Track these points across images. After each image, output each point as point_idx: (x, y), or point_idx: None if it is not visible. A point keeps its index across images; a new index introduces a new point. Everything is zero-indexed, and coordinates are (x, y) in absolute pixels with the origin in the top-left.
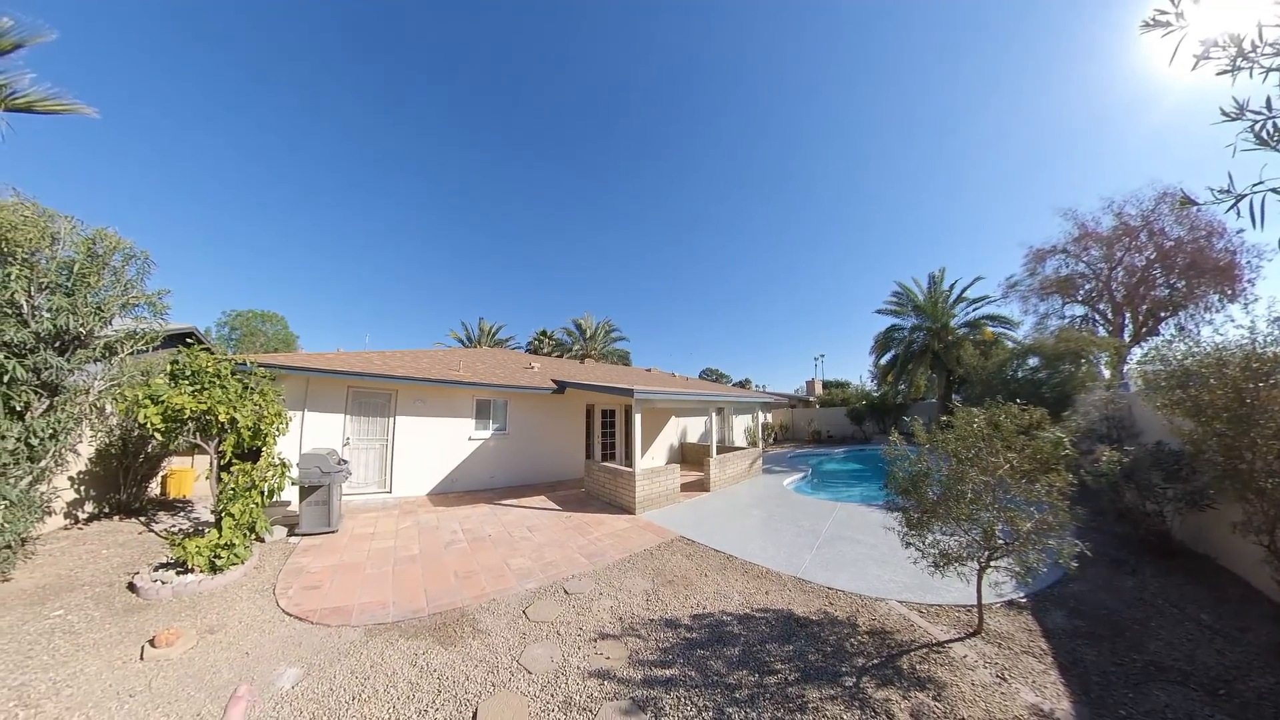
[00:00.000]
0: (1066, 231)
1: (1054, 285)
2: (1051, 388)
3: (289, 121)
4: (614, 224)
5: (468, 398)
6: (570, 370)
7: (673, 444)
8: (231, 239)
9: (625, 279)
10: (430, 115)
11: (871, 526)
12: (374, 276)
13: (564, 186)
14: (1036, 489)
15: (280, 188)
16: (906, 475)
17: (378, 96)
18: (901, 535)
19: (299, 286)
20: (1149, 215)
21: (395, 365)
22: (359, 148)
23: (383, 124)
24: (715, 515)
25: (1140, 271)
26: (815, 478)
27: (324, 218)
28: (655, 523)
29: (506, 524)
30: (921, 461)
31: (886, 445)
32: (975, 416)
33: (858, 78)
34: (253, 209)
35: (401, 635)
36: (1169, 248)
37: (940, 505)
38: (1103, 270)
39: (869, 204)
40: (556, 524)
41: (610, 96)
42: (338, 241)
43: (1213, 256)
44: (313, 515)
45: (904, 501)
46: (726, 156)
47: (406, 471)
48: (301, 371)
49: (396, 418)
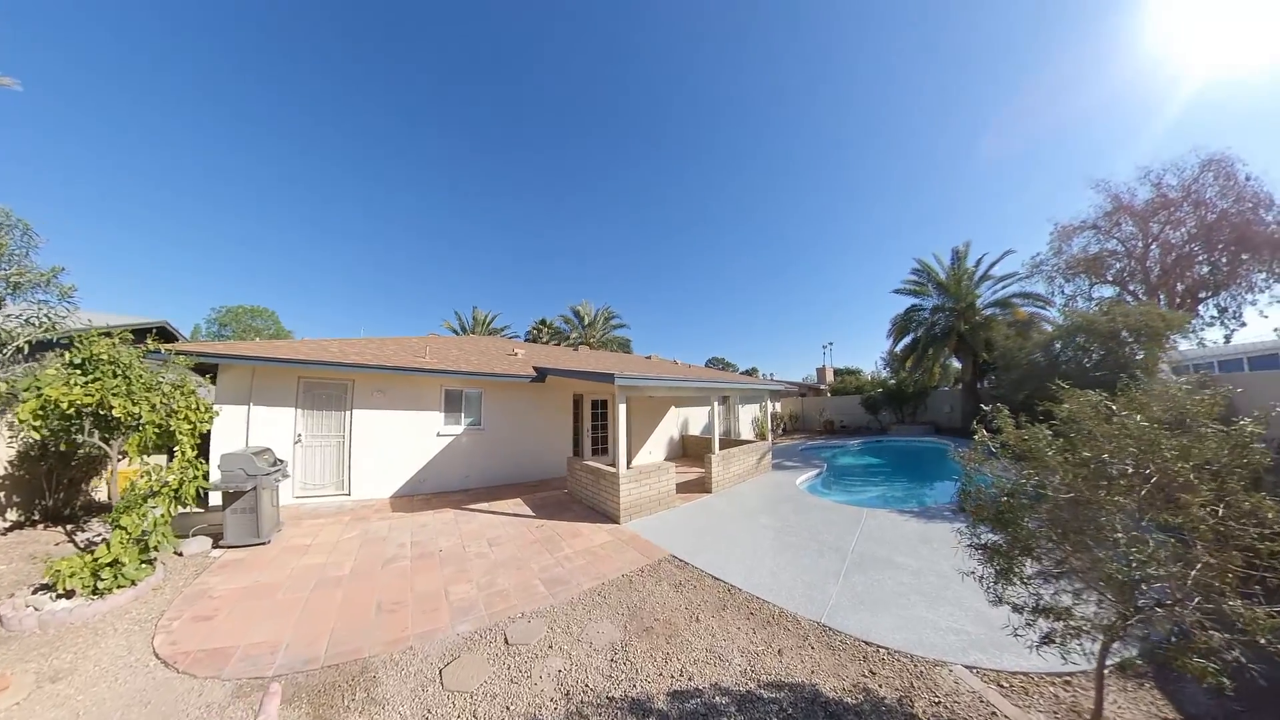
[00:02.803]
0: (1097, 205)
1: (1081, 265)
2: (1111, 371)
3: (277, 115)
4: (617, 213)
5: (435, 387)
6: (558, 357)
7: (673, 437)
8: (227, 236)
9: (629, 269)
10: (433, 107)
11: (909, 542)
12: (372, 272)
13: (565, 174)
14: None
15: (270, 180)
16: (995, 498)
17: (386, 93)
18: (988, 586)
19: (294, 284)
20: (1190, 185)
21: (353, 353)
22: (365, 145)
23: (384, 119)
24: (716, 525)
25: (1179, 247)
26: (831, 474)
27: (318, 213)
28: (642, 535)
29: (466, 535)
30: (1028, 475)
31: (962, 450)
32: (1135, 402)
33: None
34: (243, 204)
35: (273, 698)
36: (1213, 220)
37: (1051, 542)
38: (1136, 247)
39: (880, 181)
40: (523, 536)
41: (611, 67)
42: (333, 236)
43: (1262, 230)
44: (238, 525)
45: (992, 535)
46: (739, 127)
47: (366, 472)
48: (244, 361)
49: (354, 411)
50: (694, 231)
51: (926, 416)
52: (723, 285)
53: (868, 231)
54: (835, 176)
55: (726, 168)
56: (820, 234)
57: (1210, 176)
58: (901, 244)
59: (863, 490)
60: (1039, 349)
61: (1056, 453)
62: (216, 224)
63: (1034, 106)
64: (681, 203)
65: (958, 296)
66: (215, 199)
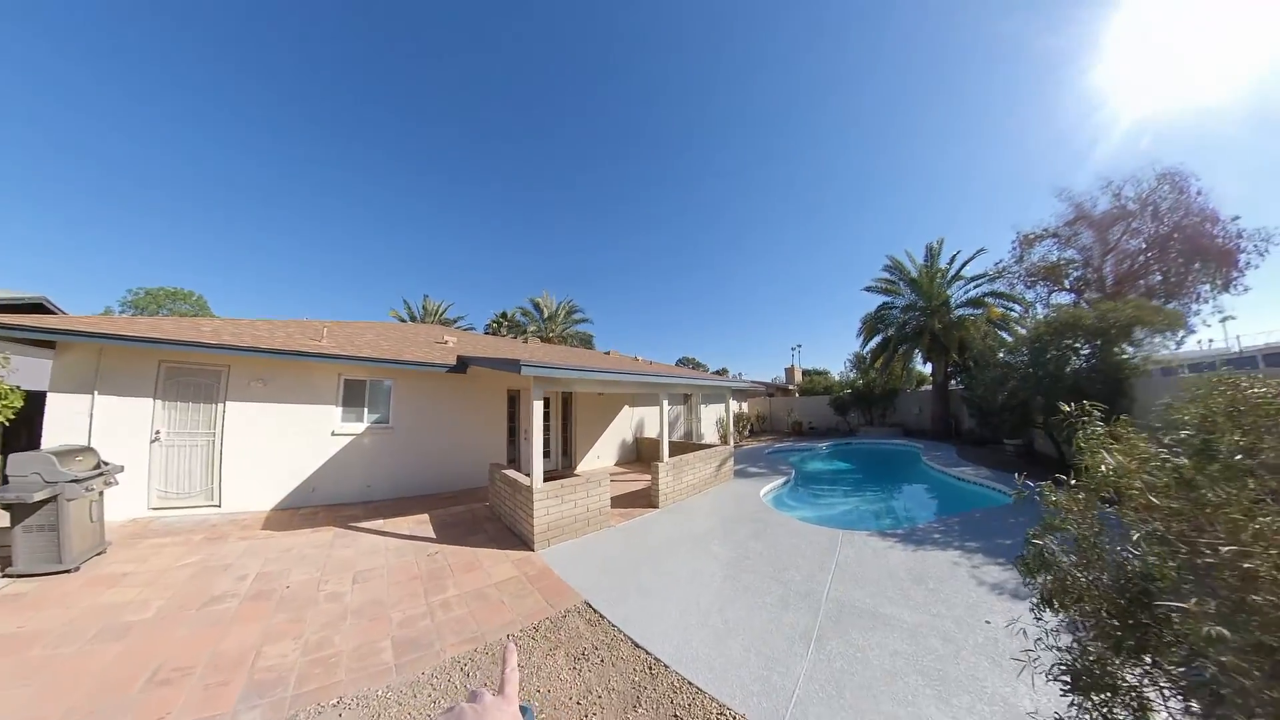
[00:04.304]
0: (1059, 213)
1: (1041, 272)
2: (1105, 374)
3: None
4: (590, 213)
5: (331, 377)
6: (497, 347)
7: (625, 439)
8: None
9: (604, 268)
10: (409, 89)
11: (897, 580)
12: (321, 254)
13: (538, 168)
14: None
15: (199, 156)
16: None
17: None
18: (1076, 702)
19: (236, 273)
20: (1147, 197)
21: (228, 333)
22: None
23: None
24: (655, 555)
25: (1134, 256)
26: (799, 483)
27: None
28: (555, 570)
29: (332, 566)
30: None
31: (1017, 491)
32: None
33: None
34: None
35: None
36: (1165, 232)
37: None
38: (1094, 255)
39: (858, 180)
40: (404, 569)
41: (588, 47)
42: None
43: (1212, 241)
44: (32, 546)
45: (1070, 617)
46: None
47: (242, 478)
48: (88, 339)
49: (228, 404)
50: (671, 230)
51: (895, 418)
52: (696, 284)
53: (843, 233)
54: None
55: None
56: (799, 222)
57: (1166, 189)
58: (875, 245)
59: (834, 501)
60: (1025, 344)
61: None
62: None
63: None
64: (660, 200)
65: (930, 295)
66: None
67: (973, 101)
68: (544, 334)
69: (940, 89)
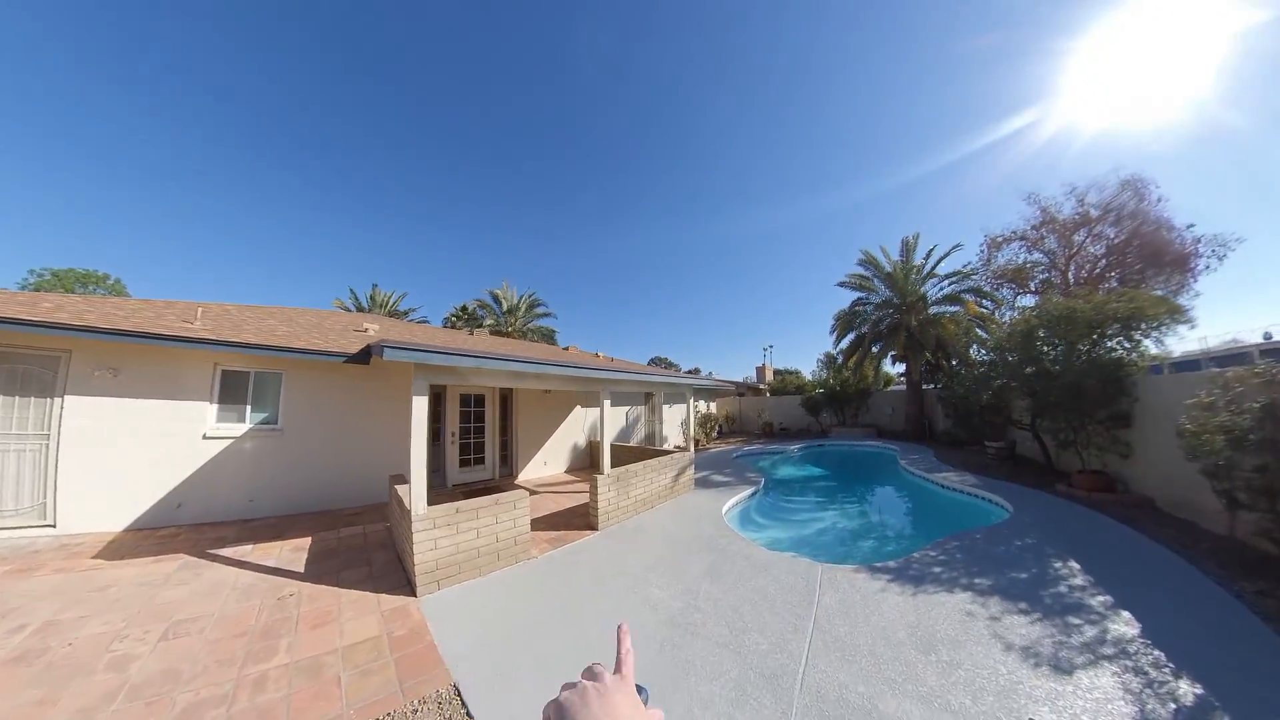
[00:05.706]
0: (1027, 217)
1: (1007, 275)
2: (1104, 371)
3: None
4: (557, 206)
5: (205, 367)
6: (431, 338)
7: (577, 443)
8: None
9: (579, 267)
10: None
11: (896, 645)
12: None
13: (498, 157)
14: None
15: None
16: None
17: None
18: None
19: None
20: (1110, 202)
21: (69, 310)
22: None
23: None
24: (574, 606)
25: (1097, 260)
26: (769, 494)
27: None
28: (433, 627)
29: (148, 612)
30: None
31: None
32: None
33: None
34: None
35: None
36: (1125, 238)
37: None
38: (1059, 258)
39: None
40: (236, 620)
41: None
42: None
43: (1169, 247)
44: None
45: None
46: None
47: (86, 491)
48: None
49: (66, 398)
50: (649, 233)
51: (868, 419)
52: (668, 282)
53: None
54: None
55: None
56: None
57: (1128, 195)
58: (850, 240)
59: (808, 517)
60: (1017, 338)
61: None
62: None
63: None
64: (639, 200)
65: (906, 291)
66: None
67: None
68: (502, 328)
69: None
